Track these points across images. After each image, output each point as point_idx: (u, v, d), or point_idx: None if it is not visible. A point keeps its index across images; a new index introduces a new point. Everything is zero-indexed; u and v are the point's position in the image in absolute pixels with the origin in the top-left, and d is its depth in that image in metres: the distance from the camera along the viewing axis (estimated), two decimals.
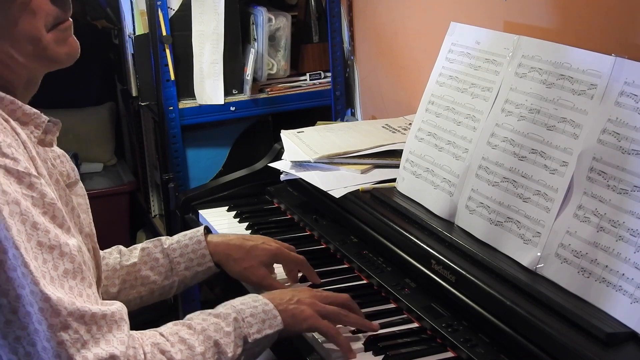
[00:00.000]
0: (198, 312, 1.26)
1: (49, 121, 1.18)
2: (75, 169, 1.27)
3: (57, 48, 1.15)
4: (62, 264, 1.04)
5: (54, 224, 1.06)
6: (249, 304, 1.28)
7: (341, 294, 1.39)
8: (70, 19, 1.17)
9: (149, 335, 1.16)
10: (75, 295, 1.04)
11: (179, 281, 1.52)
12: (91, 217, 1.29)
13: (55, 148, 1.23)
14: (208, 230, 1.57)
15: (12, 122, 1.10)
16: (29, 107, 1.16)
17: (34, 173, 1.06)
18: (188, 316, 1.26)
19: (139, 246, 1.53)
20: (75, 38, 1.18)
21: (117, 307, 1.10)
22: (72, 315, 1.02)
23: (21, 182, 1.03)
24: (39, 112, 1.17)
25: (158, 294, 1.52)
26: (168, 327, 1.21)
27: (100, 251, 1.47)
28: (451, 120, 1.57)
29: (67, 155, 1.27)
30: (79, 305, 1.03)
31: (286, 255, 1.55)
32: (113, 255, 1.50)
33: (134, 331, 1.15)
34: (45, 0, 1.13)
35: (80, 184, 1.28)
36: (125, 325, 1.10)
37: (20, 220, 1.01)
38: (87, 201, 1.29)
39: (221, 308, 1.27)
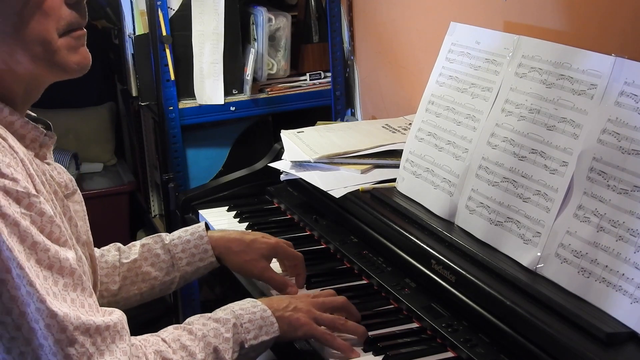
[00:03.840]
0: (198, 316, 1.27)
1: (45, 135, 1.17)
2: (73, 179, 1.27)
3: (68, 55, 1.11)
4: (61, 278, 1.05)
5: (52, 240, 1.06)
6: (247, 309, 1.29)
7: (338, 298, 1.39)
8: (85, 29, 1.14)
9: (152, 342, 1.17)
10: (78, 307, 1.05)
11: (179, 276, 1.52)
12: (88, 224, 1.29)
13: (51, 160, 1.22)
14: (207, 227, 1.57)
15: (10, 140, 1.08)
16: (27, 120, 1.15)
17: (33, 192, 1.05)
18: (189, 320, 1.26)
19: (137, 243, 1.53)
20: (87, 50, 1.14)
21: (118, 317, 1.11)
22: (78, 330, 1.03)
23: (20, 202, 1.03)
24: (37, 125, 1.16)
25: (158, 290, 1.52)
26: (169, 333, 1.21)
27: (98, 249, 1.47)
28: (451, 120, 1.57)
29: (63, 167, 1.26)
30: (84, 319, 1.04)
31: (285, 249, 1.56)
32: (111, 252, 1.50)
33: (138, 337, 1.16)
34: (59, 3, 1.09)
35: (79, 192, 1.28)
36: (127, 334, 1.11)
37: (19, 240, 1.01)
38: (84, 208, 1.28)
39: (221, 313, 1.28)
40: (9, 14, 1.07)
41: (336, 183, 1.74)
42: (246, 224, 1.86)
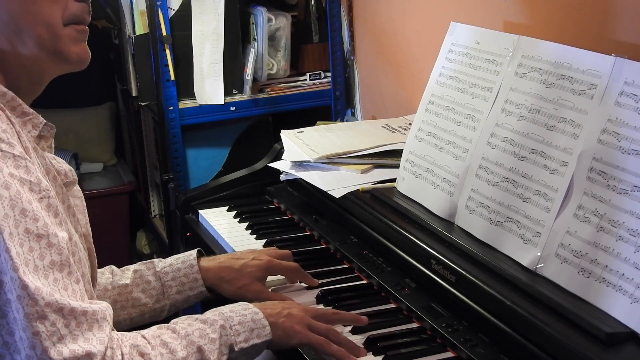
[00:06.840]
0: (185, 317, 1.25)
1: (45, 124, 1.17)
2: (73, 170, 1.26)
3: (70, 45, 1.14)
4: (49, 254, 1.02)
5: (48, 212, 1.04)
6: (238, 312, 1.27)
7: (330, 310, 1.38)
8: (87, 28, 1.17)
9: (130, 337, 1.14)
10: (59, 289, 1.02)
11: (170, 304, 1.51)
12: (87, 218, 1.27)
13: (50, 152, 1.21)
14: (201, 253, 1.55)
15: (8, 112, 1.09)
16: (28, 107, 1.15)
17: (29, 159, 1.05)
18: (174, 320, 1.24)
19: (132, 267, 1.52)
20: (87, 47, 1.17)
21: (101, 307, 1.08)
22: (49, 307, 1.00)
23: (18, 165, 1.02)
24: (37, 113, 1.16)
25: (149, 316, 1.50)
26: (151, 330, 1.20)
27: None
28: (451, 120, 1.57)
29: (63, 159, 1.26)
30: (58, 297, 1.01)
31: (278, 266, 1.53)
32: (105, 275, 1.49)
33: (115, 332, 1.13)
34: None
35: (77, 186, 1.27)
36: (107, 325, 1.08)
37: (9, 205, 0.99)
38: (84, 203, 1.27)
39: (209, 314, 1.26)
40: None
41: (336, 183, 1.74)
42: (246, 224, 1.86)
